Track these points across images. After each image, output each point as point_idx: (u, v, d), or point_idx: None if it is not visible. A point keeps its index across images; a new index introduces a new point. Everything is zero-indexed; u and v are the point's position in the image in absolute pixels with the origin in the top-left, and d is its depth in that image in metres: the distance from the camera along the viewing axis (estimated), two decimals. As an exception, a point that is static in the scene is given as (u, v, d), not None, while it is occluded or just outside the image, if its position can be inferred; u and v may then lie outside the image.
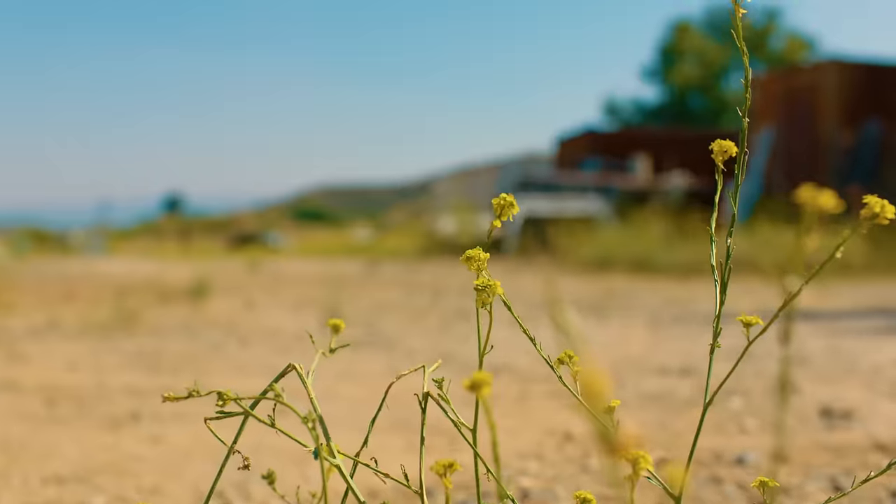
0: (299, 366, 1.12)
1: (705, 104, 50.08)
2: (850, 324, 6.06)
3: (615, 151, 28.12)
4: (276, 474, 1.07)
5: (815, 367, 4.29)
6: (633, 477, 0.92)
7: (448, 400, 1.14)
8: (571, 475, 2.52)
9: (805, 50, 48.25)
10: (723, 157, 1.13)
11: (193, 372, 4.47)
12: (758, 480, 1.12)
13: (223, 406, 0.99)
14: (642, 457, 0.92)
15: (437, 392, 1.15)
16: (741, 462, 2.58)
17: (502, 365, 4.46)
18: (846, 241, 0.91)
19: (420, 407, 1.15)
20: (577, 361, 1.17)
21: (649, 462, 0.91)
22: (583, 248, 14.75)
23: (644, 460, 0.92)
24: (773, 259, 11.01)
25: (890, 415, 3.22)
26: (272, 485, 1.06)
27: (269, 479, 1.05)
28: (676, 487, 0.77)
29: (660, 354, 4.84)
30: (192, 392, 0.97)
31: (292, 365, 1.11)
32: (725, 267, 1.13)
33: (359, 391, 3.87)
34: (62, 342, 5.60)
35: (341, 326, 1.27)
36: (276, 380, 1.09)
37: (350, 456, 1.16)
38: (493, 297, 1.11)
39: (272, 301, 8.78)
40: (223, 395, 0.96)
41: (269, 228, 44.31)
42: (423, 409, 1.14)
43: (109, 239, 34.15)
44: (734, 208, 1.10)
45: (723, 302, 1.13)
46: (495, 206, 1.14)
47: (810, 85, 19.63)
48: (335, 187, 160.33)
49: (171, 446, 2.93)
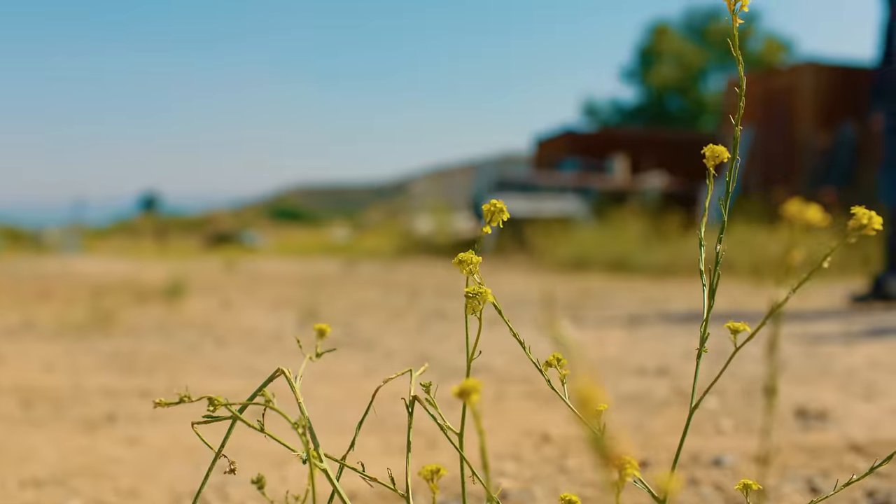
0: (288, 371, 1.12)
1: (683, 106, 50.28)
2: (824, 324, 6.10)
3: (593, 152, 28.16)
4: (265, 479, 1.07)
5: (791, 368, 4.31)
6: (619, 483, 0.93)
7: (435, 404, 1.15)
8: (549, 476, 2.53)
9: (783, 52, 48.49)
10: (714, 163, 1.13)
11: (170, 373, 4.45)
12: (741, 483, 1.13)
13: (214, 411, 0.99)
14: (629, 462, 0.93)
15: (425, 396, 1.15)
16: (718, 463, 2.60)
17: (479, 365, 4.46)
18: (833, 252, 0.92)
19: (407, 410, 1.15)
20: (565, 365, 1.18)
21: (636, 467, 0.92)
22: (560, 248, 14.78)
23: (630, 466, 0.93)
24: (749, 259, 11.07)
25: (864, 416, 3.25)
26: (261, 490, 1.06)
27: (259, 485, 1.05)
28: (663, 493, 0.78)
29: (637, 355, 4.86)
30: (183, 397, 0.97)
31: (281, 370, 1.11)
32: (714, 273, 1.14)
33: (336, 392, 3.87)
34: (38, 342, 5.57)
35: (327, 331, 1.27)
36: (265, 384, 1.10)
37: (336, 459, 1.17)
38: (483, 305, 1.12)
39: (249, 301, 8.76)
40: (214, 401, 0.96)
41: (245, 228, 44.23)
42: (409, 413, 1.15)
43: (85, 238, 34.00)
44: (724, 214, 1.10)
45: (711, 307, 1.14)
46: (485, 211, 1.15)
47: (787, 87, 19.71)
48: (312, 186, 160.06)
49: (148, 448, 2.92)
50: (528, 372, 4.24)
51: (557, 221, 17.13)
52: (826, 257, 0.92)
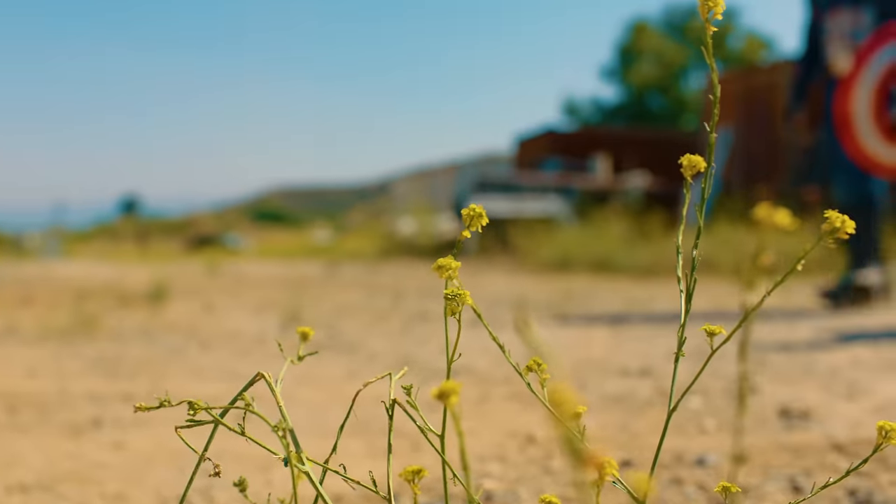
0: (268, 375, 1.13)
1: (664, 104, 50.44)
2: (806, 323, 6.13)
3: (575, 151, 28.21)
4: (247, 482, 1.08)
5: (774, 367, 4.33)
6: (598, 483, 0.94)
7: (416, 407, 1.16)
8: (534, 476, 2.54)
9: (763, 50, 48.67)
10: (691, 172, 1.14)
11: (153, 376, 4.45)
12: (720, 486, 1.14)
13: (194, 415, 1.00)
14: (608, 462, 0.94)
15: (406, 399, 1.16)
16: (701, 463, 2.61)
17: (462, 367, 4.47)
18: (808, 254, 0.93)
19: (387, 413, 1.16)
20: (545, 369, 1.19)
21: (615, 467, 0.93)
22: (543, 248, 14.80)
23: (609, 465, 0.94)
24: (731, 259, 11.11)
25: (847, 415, 3.27)
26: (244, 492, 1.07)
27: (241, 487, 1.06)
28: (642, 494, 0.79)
29: (620, 355, 4.87)
30: (164, 402, 0.98)
31: (261, 374, 1.12)
32: (690, 278, 1.15)
33: (318, 395, 3.87)
34: (21, 347, 5.56)
35: (310, 334, 1.28)
36: (246, 388, 1.10)
37: (319, 463, 1.17)
38: (462, 307, 1.13)
39: (232, 304, 8.75)
40: (194, 405, 0.97)
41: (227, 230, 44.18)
42: (390, 416, 1.15)
43: (66, 242, 33.87)
44: (700, 220, 1.12)
45: (688, 311, 1.15)
46: (464, 216, 1.16)
47: (768, 85, 19.80)
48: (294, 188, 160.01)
49: (134, 452, 2.92)
50: (512, 373, 4.24)
51: (540, 222, 17.17)
52: (800, 260, 0.94)
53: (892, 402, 3.50)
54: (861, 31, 6.88)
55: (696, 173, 1.15)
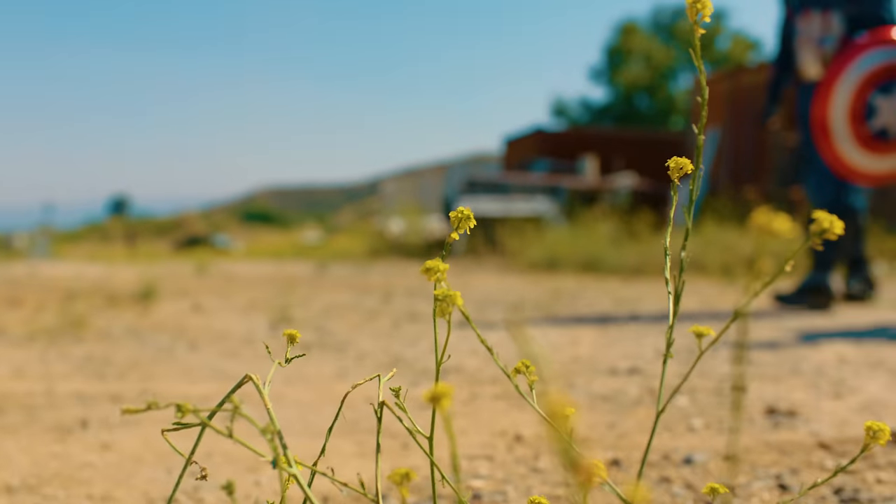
0: (256, 377, 1.12)
1: (652, 105, 50.54)
2: (793, 322, 6.14)
3: (563, 152, 28.26)
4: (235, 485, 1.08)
5: (761, 366, 4.34)
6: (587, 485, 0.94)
7: (405, 408, 1.16)
8: (522, 476, 2.54)
9: (751, 50, 48.81)
10: (678, 175, 1.15)
11: (142, 377, 4.43)
12: (708, 487, 1.15)
13: (182, 418, 0.99)
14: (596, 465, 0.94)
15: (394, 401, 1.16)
16: (689, 462, 2.61)
17: (451, 366, 4.47)
18: (795, 255, 0.93)
19: (376, 415, 1.16)
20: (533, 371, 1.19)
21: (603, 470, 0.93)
22: (531, 248, 14.81)
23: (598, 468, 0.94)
24: (720, 259, 11.14)
25: (833, 414, 3.28)
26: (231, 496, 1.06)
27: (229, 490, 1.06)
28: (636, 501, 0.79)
29: (609, 355, 4.88)
30: (151, 404, 0.98)
31: (249, 376, 1.12)
32: (679, 279, 1.15)
33: (308, 395, 3.87)
34: (8, 348, 5.54)
35: (297, 336, 1.28)
36: (234, 390, 1.10)
37: (308, 465, 1.17)
38: (452, 308, 1.13)
39: (221, 304, 8.73)
40: (182, 408, 0.96)
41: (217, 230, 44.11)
42: (378, 418, 1.15)
43: (54, 242, 33.81)
44: (688, 222, 1.12)
45: (676, 313, 1.15)
46: (453, 218, 1.16)
47: (756, 85, 19.84)
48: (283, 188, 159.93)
49: (121, 453, 2.92)
50: (500, 373, 4.25)
51: (528, 222, 17.18)
52: (788, 261, 0.94)
53: (877, 400, 3.51)
54: (831, 36, 6.91)
55: (683, 175, 1.15)
